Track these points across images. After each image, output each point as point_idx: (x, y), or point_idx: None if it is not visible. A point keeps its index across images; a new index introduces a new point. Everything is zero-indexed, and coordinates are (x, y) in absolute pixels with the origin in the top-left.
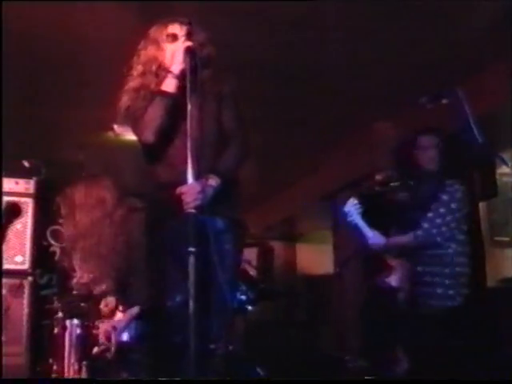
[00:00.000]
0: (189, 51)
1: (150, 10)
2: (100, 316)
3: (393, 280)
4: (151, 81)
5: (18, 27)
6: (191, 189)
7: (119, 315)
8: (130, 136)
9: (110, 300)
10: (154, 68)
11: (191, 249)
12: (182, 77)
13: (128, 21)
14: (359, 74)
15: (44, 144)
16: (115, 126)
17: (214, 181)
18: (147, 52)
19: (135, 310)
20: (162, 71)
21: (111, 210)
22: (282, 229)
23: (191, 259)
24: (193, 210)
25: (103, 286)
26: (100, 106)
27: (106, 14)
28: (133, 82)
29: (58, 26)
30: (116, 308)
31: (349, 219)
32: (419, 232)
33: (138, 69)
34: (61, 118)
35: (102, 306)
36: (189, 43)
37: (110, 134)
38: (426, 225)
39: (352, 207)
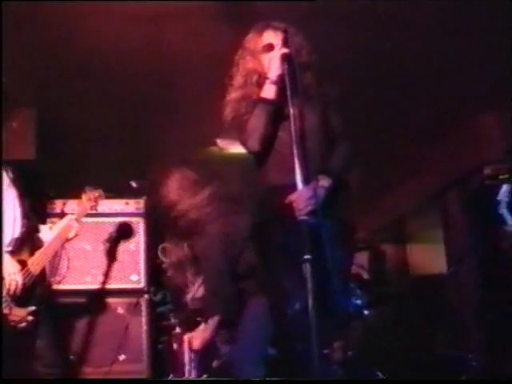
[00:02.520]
0: (285, 58)
1: (242, 18)
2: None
3: None
4: (252, 91)
5: (112, 48)
6: (302, 195)
7: None
8: (234, 149)
9: None
10: (254, 79)
11: (307, 256)
12: (280, 82)
13: (222, 32)
14: (462, 68)
15: (150, 163)
16: (218, 141)
17: (325, 181)
18: (245, 63)
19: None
20: (261, 80)
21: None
22: (391, 231)
23: (307, 266)
24: (305, 217)
25: None
26: (202, 121)
27: (199, 27)
28: (234, 93)
29: (152, 44)
30: None
31: (499, 208)
32: None
33: (238, 80)
34: (165, 136)
35: None
36: (285, 50)
37: (214, 148)
38: None
39: (504, 196)
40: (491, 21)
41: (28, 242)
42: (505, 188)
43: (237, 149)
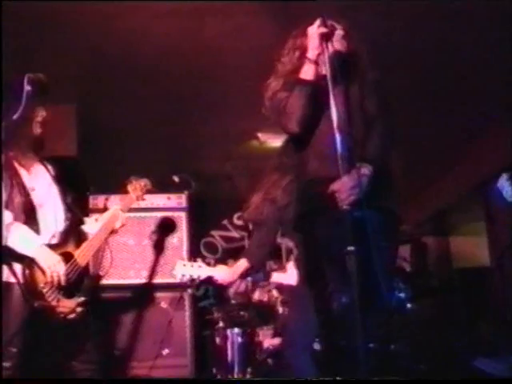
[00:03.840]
0: (324, 36)
1: (281, 15)
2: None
3: None
4: (294, 73)
5: (152, 44)
6: (344, 185)
7: None
8: (275, 143)
9: None
10: (297, 54)
11: (350, 248)
12: (319, 62)
13: (262, 29)
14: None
15: (191, 158)
16: (259, 134)
17: (366, 169)
18: (291, 46)
19: None
20: (303, 60)
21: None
22: (433, 223)
23: (351, 258)
24: (348, 207)
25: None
26: (243, 115)
27: (239, 24)
28: (276, 76)
29: (193, 40)
30: None
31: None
32: None
33: (283, 62)
34: (205, 131)
35: None
36: (323, 29)
37: (255, 142)
38: None
39: (505, 183)
40: None
41: (73, 234)
42: (503, 176)
43: (277, 142)
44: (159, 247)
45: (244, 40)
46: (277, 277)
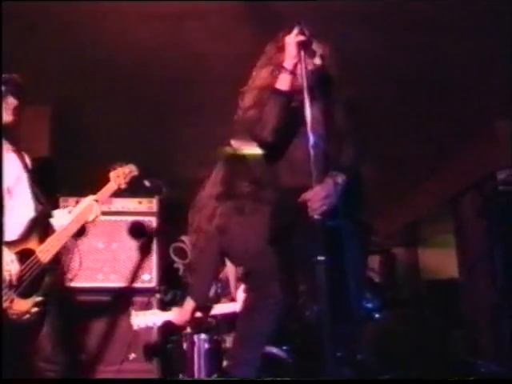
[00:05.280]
0: (301, 45)
1: (262, 18)
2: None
3: None
4: (270, 82)
5: (129, 46)
6: (316, 194)
7: None
8: (247, 150)
9: None
10: (272, 69)
11: (320, 257)
12: (295, 73)
13: (241, 32)
14: (481, 74)
15: (164, 163)
16: (232, 141)
17: (339, 178)
18: (267, 54)
19: None
20: (279, 70)
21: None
22: (403, 234)
23: (321, 268)
24: (319, 217)
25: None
26: (217, 121)
27: (219, 27)
28: (252, 84)
29: (171, 43)
30: None
31: None
32: None
33: (257, 71)
34: (179, 136)
35: None
36: (301, 37)
37: (228, 149)
38: None
39: None
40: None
41: (38, 228)
42: None
43: (249, 149)
44: (128, 251)
45: (223, 46)
46: (220, 308)
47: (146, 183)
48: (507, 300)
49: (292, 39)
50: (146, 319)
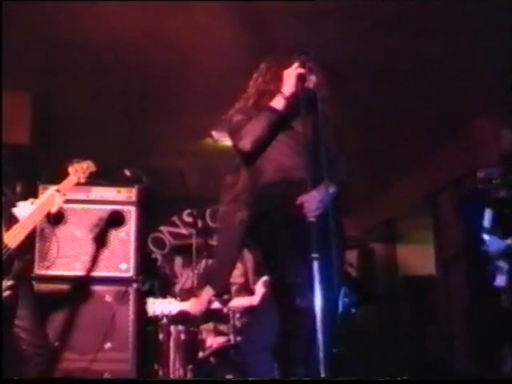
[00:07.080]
0: (301, 77)
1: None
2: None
3: (501, 280)
4: (263, 102)
5: (110, 38)
6: (313, 198)
7: None
8: (228, 142)
9: None
10: (271, 83)
11: (314, 255)
12: (291, 99)
13: (222, 27)
14: (460, 72)
15: (144, 153)
16: (213, 133)
17: (332, 187)
18: (270, 69)
19: None
20: (274, 94)
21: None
22: (382, 230)
23: (315, 265)
24: (314, 219)
25: None
26: (198, 112)
27: (200, 22)
28: (244, 102)
29: (152, 36)
30: None
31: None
32: None
33: (251, 90)
34: (160, 127)
35: None
36: (301, 70)
37: (209, 140)
38: None
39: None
40: (489, 25)
41: (3, 217)
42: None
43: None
44: (106, 240)
45: (203, 38)
46: (237, 302)
47: (126, 172)
48: (482, 298)
49: (293, 71)
50: (163, 307)
